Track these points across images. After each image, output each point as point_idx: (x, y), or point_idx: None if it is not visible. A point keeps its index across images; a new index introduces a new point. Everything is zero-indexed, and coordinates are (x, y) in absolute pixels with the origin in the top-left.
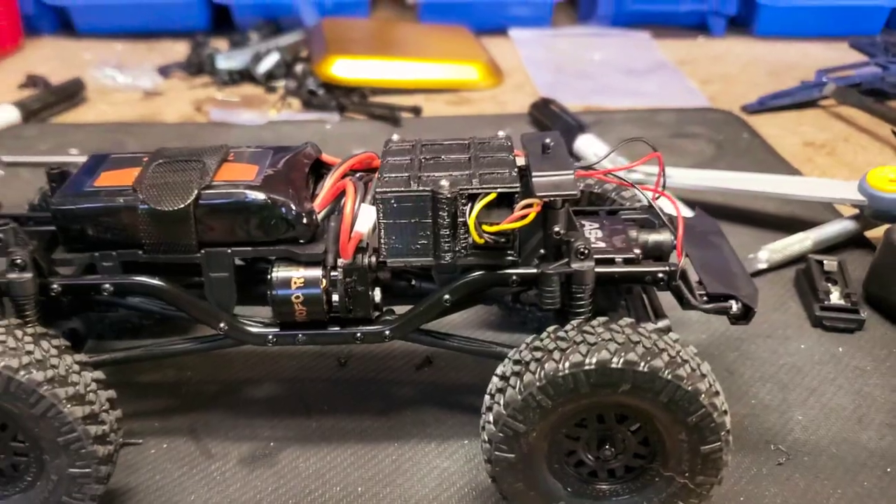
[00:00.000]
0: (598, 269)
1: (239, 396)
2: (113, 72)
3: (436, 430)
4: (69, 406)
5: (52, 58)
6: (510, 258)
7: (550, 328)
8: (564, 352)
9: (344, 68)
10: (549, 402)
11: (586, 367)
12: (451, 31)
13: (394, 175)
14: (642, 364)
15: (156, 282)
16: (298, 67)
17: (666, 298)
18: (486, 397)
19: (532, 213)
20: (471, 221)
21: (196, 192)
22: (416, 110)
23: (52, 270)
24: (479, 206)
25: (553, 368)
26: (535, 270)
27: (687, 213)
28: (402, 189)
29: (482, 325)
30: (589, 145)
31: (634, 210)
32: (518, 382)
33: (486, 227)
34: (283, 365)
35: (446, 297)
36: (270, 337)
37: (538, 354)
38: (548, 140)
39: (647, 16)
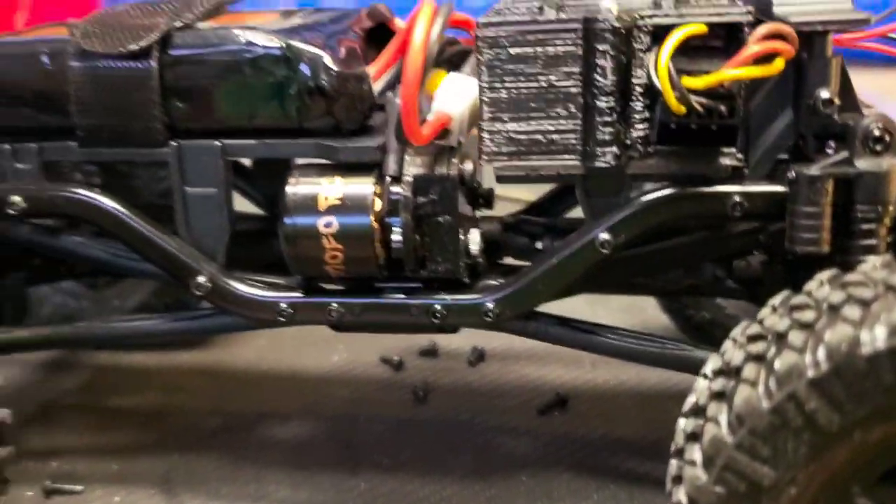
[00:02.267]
0: None
1: (250, 436)
2: None
3: None
4: None
5: None
6: (728, 160)
7: (821, 275)
8: (869, 306)
9: None
10: (836, 416)
11: None
12: None
13: (514, 6)
14: None
15: (92, 195)
16: None
17: None
18: (681, 421)
19: (781, 58)
20: (661, 68)
21: (163, 30)
22: None
23: None
24: (674, 41)
25: (848, 339)
26: (779, 188)
27: None
28: (528, 19)
29: None
30: None
31: None
32: (761, 374)
33: (690, 81)
34: (327, 394)
35: (603, 237)
36: (283, 306)
37: (806, 316)
38: None
39: None
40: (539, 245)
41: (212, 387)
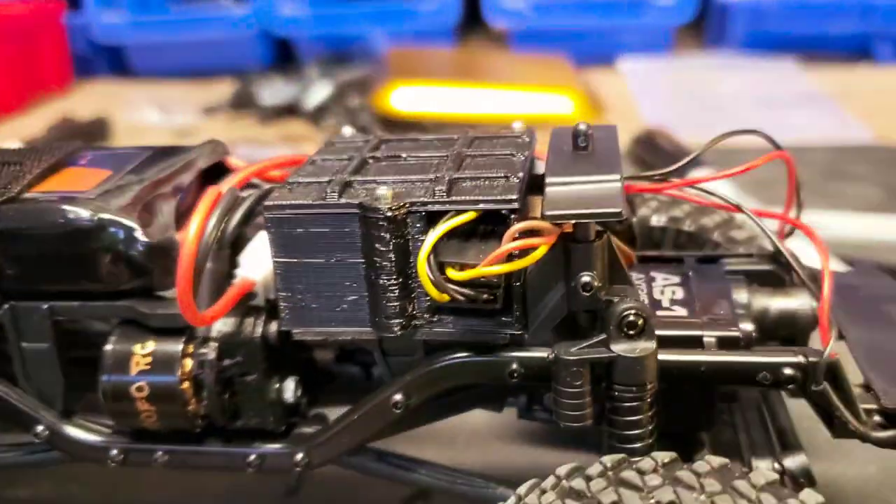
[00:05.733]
0: (666, 357)
1: None
2: (150, 111)
3: None
4: None
5: (98, 100)
6: (508, 330)
7: (565, 468)
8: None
9: (405, 98)
10: None
11: None
12: (543, 60)
13: (305, 180)
14: None
15: None
16: (354, 101)
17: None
18: None
19: (539, 249)
20: (421, 262)
21: None
22: None
23: None
24: (438, 233)
25: None
26: (546, 354)
27: (841, 267)
28: (308, 203)
29: (519, 435)
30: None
31: (748, 258)
32: None
33: (452, 273)
34: (207, 480)
35: (396, 398)
36: (114, 452)
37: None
38: (586, 131)
39: (791, 40)
40: (375, 373)
41: (100, 476)
